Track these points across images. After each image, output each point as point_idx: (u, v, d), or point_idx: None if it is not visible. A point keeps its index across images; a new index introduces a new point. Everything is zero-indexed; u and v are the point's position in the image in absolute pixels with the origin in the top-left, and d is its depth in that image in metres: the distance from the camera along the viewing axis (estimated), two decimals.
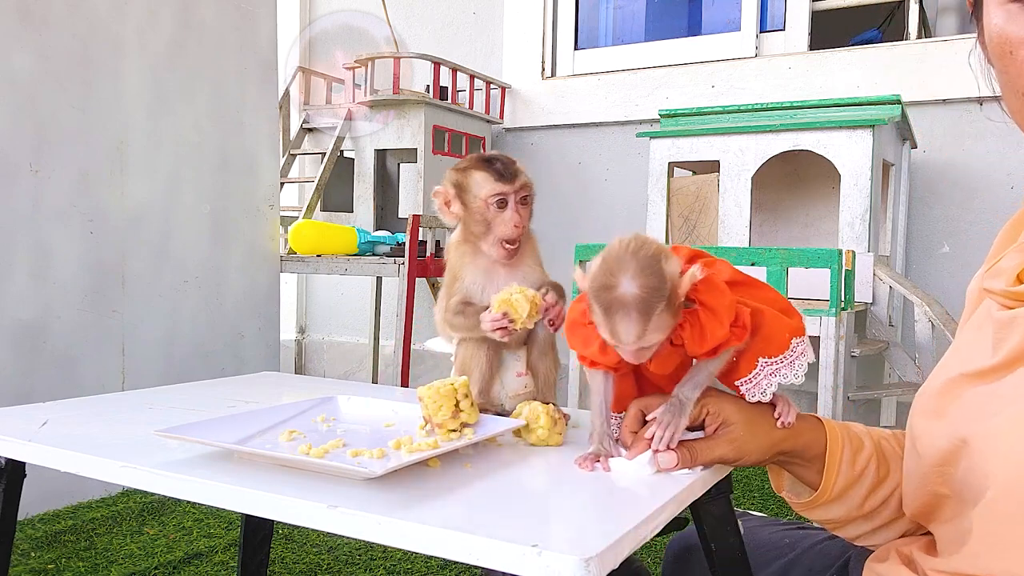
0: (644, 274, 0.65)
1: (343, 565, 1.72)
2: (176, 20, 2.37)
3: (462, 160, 1.00)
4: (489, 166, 0.97)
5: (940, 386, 0.71)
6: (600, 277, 0.67)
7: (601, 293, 0.66)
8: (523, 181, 0.97)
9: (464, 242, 0.98)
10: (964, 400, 0.67)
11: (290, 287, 3.80)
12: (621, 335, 0.66)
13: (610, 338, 0.67)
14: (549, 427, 0.84)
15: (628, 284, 0.65)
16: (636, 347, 0.66)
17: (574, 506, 0.69)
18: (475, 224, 0.97)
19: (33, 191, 2.01)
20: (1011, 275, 0.66)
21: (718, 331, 0.69)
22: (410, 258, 2.55)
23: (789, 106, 2.37)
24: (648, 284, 0.65)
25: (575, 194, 3.27)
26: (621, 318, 0.65)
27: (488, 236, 0.96)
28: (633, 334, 0.65)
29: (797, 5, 2.95)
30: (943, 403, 0.70)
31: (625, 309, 0.65)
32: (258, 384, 1.23)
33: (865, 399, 2.18)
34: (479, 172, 0.96)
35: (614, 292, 0.65)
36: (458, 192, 0.98)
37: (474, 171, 0.97)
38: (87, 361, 2.14)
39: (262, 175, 2.69)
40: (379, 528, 0.60)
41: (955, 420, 0.67)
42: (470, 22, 3.53)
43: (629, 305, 0.65)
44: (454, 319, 0.96)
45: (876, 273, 2.21)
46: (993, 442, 0.62)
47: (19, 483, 0.93)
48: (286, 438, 0.82)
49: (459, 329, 0.97)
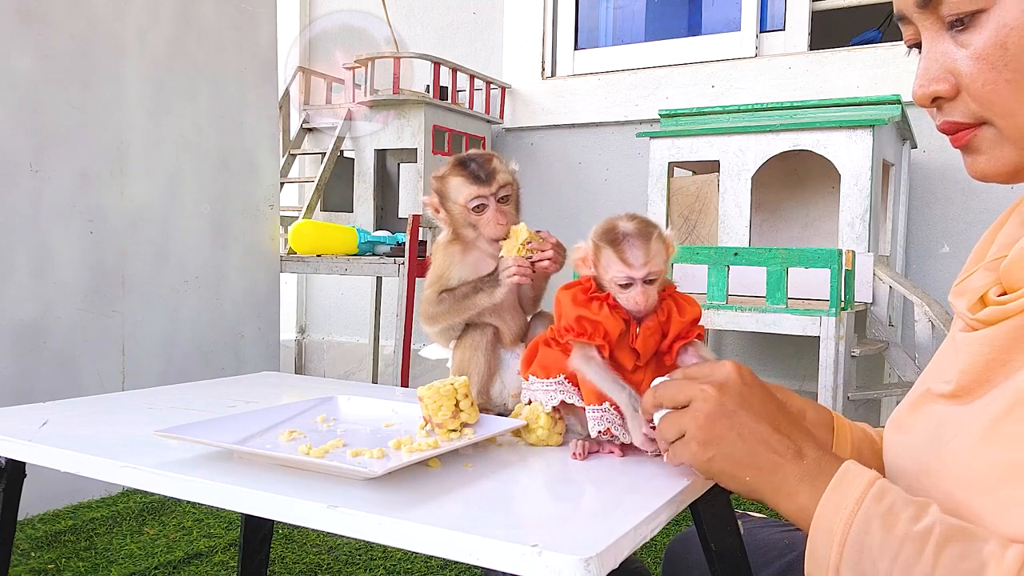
0: (639, 216, 0.82)
1: (343, 565, 1.72)
2: (176, 20, 2.37)
3: (442, 165, 1.01)
4: (465, 169, 0.96)
5: (912, 400, 0.71)
6: (603, 226, 0.81)
7: (607, 234, 0.80)
8: (501, 181, 0.96)
9: (453, 242, 0.98)
10: (928, 418, 0.67)
11: (290, 287, 3.80)
12: (631, 258, 0.78)
13: (621, 267, 0.79)
14: (549, 427, 0.84)
15: (628, 221, 0.81)
16: (645, 271, 0.78)
17: (574, 506, 0.69)
18: (463, 228, 0.97)
19: (33, 191, 2.01)
20: (974, 296, 0.65)
21: (695, 306, 0.82)
22: (410, 258, 2.55)
23: (789, 106, 2.37)
24: (644, 219, 0.82)
25: (575, 194, 3.27)
26: (629, 244, 0.79)
27: (480, 238, 0.97)
28: (641, 255, 0.78)
29: (797, 5, 2.95)
30: (911, 419, 0.70)
31: (630, 238, 0.79)
32: (258, 384, 1.23)
33: (865, 399, 2.18)
34: (455, 177, 0.96)
35: (619, 228, 0.80)
36: (441, 199, 0.98)
37: (451, 177, 0.97)
38: (87, 361, 2.14)
39: (262, 175, 2.69)
40: (379, 528, 0.60)
41: (917, 439, 0.67)
42: (470, 22, 3.53)
43: (633, 234, 0.79)
44: (438, 308, 0.96)
45: (876, 273, 2.21)
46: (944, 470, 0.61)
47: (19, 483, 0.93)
48: (286, 438, 0.82)
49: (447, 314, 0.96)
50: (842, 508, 0.58)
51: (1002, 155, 0.61)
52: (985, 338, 0.61)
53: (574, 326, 0.80)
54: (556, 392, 0.83)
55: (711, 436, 0.64)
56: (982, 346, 0.61)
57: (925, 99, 0.62)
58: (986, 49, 0.58)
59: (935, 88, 0.61)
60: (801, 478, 0.62)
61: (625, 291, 0.80)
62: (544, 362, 0.84)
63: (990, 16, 0.58)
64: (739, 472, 0.64)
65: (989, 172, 0.62)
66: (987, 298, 0.64)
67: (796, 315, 1.92)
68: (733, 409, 0.65)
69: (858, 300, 2.20)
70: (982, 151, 0.62)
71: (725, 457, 0.64)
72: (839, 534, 0.58)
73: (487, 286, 0.94)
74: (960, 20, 0.59)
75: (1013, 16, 0.57)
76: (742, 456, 0.64)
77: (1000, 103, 0.59)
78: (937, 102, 0.62)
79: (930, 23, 0.61)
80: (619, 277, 0.79)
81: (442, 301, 0.96)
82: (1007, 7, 0.57)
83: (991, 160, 0.62)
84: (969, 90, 0.60)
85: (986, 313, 0.62)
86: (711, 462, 0.64)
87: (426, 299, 0.98)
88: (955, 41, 0.60)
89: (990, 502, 0.56)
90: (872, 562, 0.55)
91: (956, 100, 0.61)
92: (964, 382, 0.62)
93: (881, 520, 0.57)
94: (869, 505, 0.58)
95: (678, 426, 0.67)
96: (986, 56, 0.58)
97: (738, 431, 0.64)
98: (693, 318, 0.82)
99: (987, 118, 0.60)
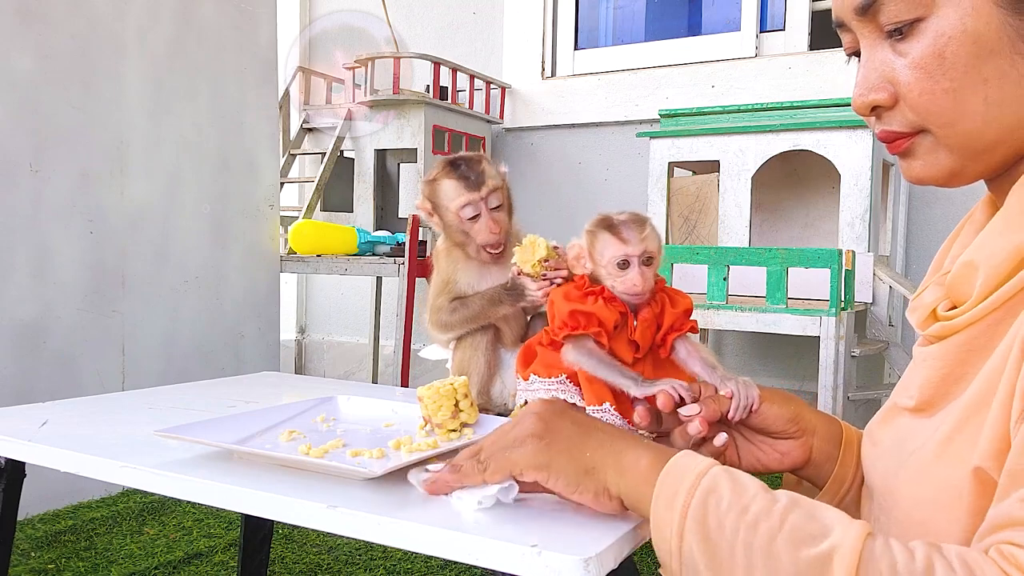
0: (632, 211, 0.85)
1: (343, 565, 1.72)
2: (176, 20, 2.37)
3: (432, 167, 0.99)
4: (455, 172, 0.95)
5: (883, 414, 0.71)
6: (598, 217, 0.84)
7: (602, 221, 0.83)
8: (492, 185, 0.95)
9: (453, 247, 0.97)
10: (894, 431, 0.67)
11: (290, 287, 3.80)
12: (627, 236, 0.81)
13: (618, 246, 0.80)
14: None
15: (623, 214, 0.84)
16: (641, 247, 0.80)
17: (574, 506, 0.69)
18: (454, 234, 0.96)
19: (33, 191, 2.01)
20: (926, 311, 0.64)
21: (686, 298, 0.85)
22: (410, 258, 2.55)
23: (789, 106, 2.37)
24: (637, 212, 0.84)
25: (575, 194, 3.27)
26: (624, 225, 0.81)
27: (470, 244, 0.96)
28: (636, 234, 0.81)
29: (797, 5, 2.95)
30: (880, 432, 0.70)
31: (626, 221, 0.82)
32: (258, 384, 1.23)
33: (865, 399, 2.18)
34: (446, 181, 0.95)
35: (615, 216, 0.83)
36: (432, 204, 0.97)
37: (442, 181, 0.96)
38: (87, 361, 2.14)
39: (262, 175, 2.69)
40: (379, 528, 0.60)
41: (884, 453, 0.67)
42: (470, 22, 3.53)
43: (629, 217, 0.82)
44: (451, 316, 0.95)
45: (876, 273, 2.21)
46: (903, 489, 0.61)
47: (19, 483, 0.93)
48: (286, 438, 0.82)
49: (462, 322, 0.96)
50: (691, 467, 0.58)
51: (937, 161, 0.61)
52: (938, 353, 0.61)
53: (567, 321, 0.80)
54: (558, 392, 0.83)
55: (546, 429, 0.64)
56: (936, 360, 0.61)
57: (864, 108, 0.63)
58: (924, 58, 0.58)
59: (873, 97, 0.61)
60: (644, 448, 0.62)
61: (623, 272, 0.80)
62: (546, 361, 0.84)
63: (928, 25, 0.57)
64: (579, 450, 0.62)
65: (925, 177, 0.62)
66: (937, 313, 0.63)
67: (796, 315, 1.92)
68: (561, 409, 0.66)
69: (858, 300, 2.20)
70: (918, 156, 0.62)
71: (562, 441, 0.63)
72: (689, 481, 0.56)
73: (508, 299, 0.92)
74: (899, 29, 0.59)
75: (951, 25, 0.56)
76: (578, 437, 0.63)
77: (937, 112, 0.59)
78: (876, 111, 0.62)
79: (868, 31, 0.61)
80: (616, 256, 0.80)
81: (456, 310, 0.95)
82: (945, 16, 0.57)
83: (926, 165, 0.62)
84: (907, 99, 0.60)
85: (936, 328, 0.62)
86: (549, 448, 0.63)
87: (437, 307, 0.97)
88: (893, 50, 0.60)
89: (945, 521, 0.55)
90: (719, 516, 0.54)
91: (894, 109, 0.61)
92: (924, 396, 0.62)
93: (731, 478, 0.56)
94: (717, 470, 0.57)
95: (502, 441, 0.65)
96: (924, 65, 0.58)
97: (572, 420, 0.65)
98: (685, 309, 0.84)
99: (924, 126, 0.60)
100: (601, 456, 0.62)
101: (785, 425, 0.77)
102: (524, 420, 0.65)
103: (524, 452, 0.63)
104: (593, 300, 0.81)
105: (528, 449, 0.63)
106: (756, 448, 0.79)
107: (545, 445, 0.63)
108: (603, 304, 0.80)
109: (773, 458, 0.78)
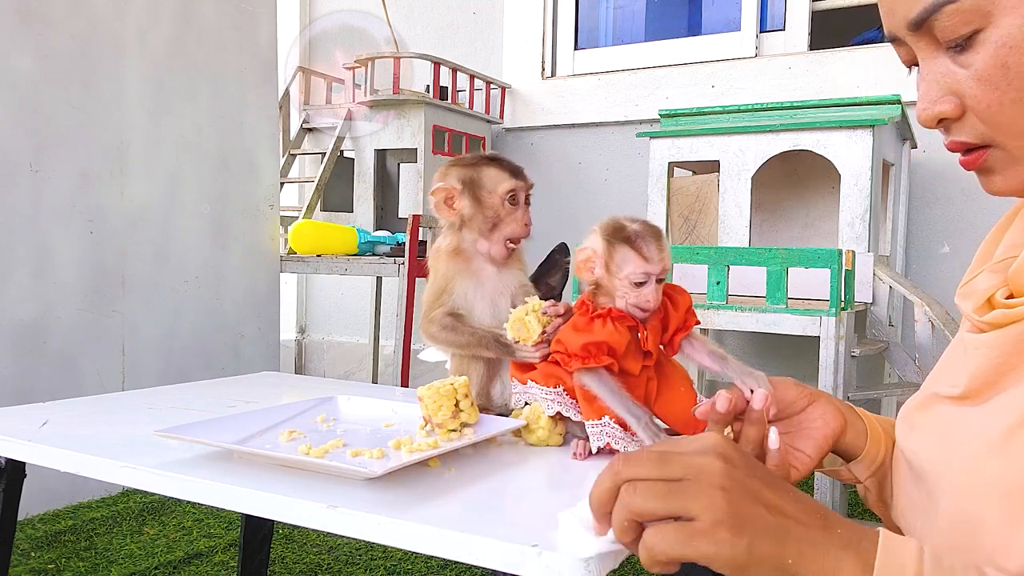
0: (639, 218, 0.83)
1: (343, 565, 1.72)
2: (176, 20, 2.37)
3: (462, 157, 0.99)
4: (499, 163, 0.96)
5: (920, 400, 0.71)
6: (611, 225, 0.82)
7: (619, 232, 0.81)
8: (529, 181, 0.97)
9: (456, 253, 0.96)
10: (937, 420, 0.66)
11: (290, 287, 3.80)
12: (649, 254, 0.79)
13: (639, 264, 0.79)
14: (549, 427, 0.84)
15: (636, 222, 0.82)
16: (660, 266, 0.80)
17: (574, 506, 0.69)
18: (482, 222, 0.95)
19: (33, 191, 2.01)
20: (981, 298, 0.63)
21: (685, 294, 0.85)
22: (410, 258, 2.55)
23: (789, 106, 2.37)
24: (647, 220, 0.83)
25: (575, 194, 3.27)
26: (645, 242, 0.80)
27: (494, 234, 0.95)
28: (656, 251, 0.80)
29: (797, 5, 2.95)
30: (919, 417, 0.69)
31: (644, 236, 0.80)
32: (258, 384, 1.23)
33: (865, 399, 2.18)
34: (492, 168, 0.96)
35: (630, 227, 0.81)
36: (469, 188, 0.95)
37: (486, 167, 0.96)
38: (87, 361, 2.14)
39: (262, 175, 2.69)
40: (379, 528, 0.60)
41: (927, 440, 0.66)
42: (470, 22, 3.53)
43: (645, 230, 0.81)
44: (441, 333, 0.94)
45: (876, 273, 2.21)
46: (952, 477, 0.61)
47: (19, 483, 0.93)
48: (286, 438, 0.82)
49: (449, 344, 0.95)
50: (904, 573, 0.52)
51: (1017, 174, 0.59)
52: (994, 341, 0.60)
53: (579, 353, 0.79)
54: (554, 403, 0.83)
55: (742, 518, 0.50)
56: (991, 349, 0.60)
57: (931, 121, 0.60)
58: (987, 70, 0.56)
59: (940, 109, 0.59)
60: (843, 548, 0.52)
61: (638, 289, 0.79)
62: (545, 371, 0.84)
63: (987, 35, 0.55)
64: (779, 556, 0.51)
65: (1005, 190, 0.61)
66: (994, 300, 0.62)
67: (796, 315, 1.92)
68: (753, 485, 0.52)
69: (858, 300, 2.20)
70: (996, 171, 0.60)
71: (763, 540, 0.50)
72: None
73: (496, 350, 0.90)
74: (957, 43, 0.57)
75: (1010, 34, 0.54)
76: (780, 536, 0.51)
77: (1007, 123, 0.57)
78: (943, 123, 0.60)
79: (924, 44, 0.59)
80: (636, 274, 0.79)
81: (445, 329, 0.94)
82: (1004, 26, 0.54)
83: (1006, 179, 0.60)
84: (975, 111, 0.58)
85: (993, 316, 0.61)
86: (749, 550, 0.50)
87: (429, 317, 0.95)
88: (954, 61, 0.58)
89: (997, 514, 0.55)
90: None
91: (962, 120, 0.59)
92: (974, 385, 0.61)
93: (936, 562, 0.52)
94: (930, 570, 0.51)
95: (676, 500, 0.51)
96: (988, 77, 0.56)
97: (767, 508, 0.52)
98: (687, 307, 0.84)
99: (995, 140, 0.58)
100: (803, 564, 0.51)
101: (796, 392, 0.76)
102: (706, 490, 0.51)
103: (717, 549, 0.50)
104: (602, 324, 0.79)
105: (722, 548, 0.50)
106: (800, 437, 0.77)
107: (745, 547, 0.50)
108: (612, 327, 0.79)
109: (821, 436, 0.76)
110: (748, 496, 0.52)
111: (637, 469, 0.53)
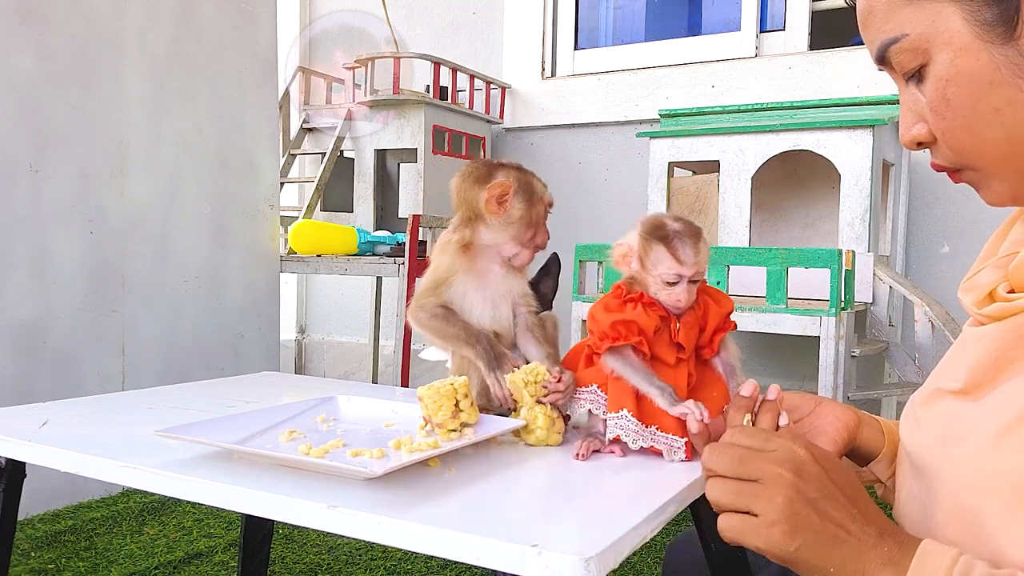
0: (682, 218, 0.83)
1: (343, 565, 1.72)
2: (176, 20, 2.37)
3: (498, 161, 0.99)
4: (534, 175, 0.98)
5: (924, 396, 0.71)
6: (652, 221, 0.82)
7: (658, 230, 0.81)
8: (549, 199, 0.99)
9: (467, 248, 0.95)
10: (939, 415, 0.67)
11: (290, 287, 3.80)
12: (683, 255, 0.79)
13: (672, 264, 0.79)
14: (547, 427, 0.84)
15: (678, 221, 0.82)
16: (694, 269, 0.79)
17: (574, 506, 0.69)
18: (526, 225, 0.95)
19: (33, 191, 2.01)
20: (983, 292, 0.65)
21: (728, 300, 0.85)
22: (410, 258, 2.55)
23: (789, 106, 2.37)
24: (689, 220, 0.82)
25: (575, 194, 3.27)
26: (681, 242, 0.80)
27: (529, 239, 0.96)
28: (691, 253, 0.79)
29: (797, 5, 2.95)
30: (924, 413, 0.70)
31: (682, 236, 0.80)
32: (258, 384, 1.23)
33: (865, 399, 2.18)
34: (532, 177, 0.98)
35: (670, 226, 0.81)
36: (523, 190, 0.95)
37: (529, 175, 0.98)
38: (87, 361, 2.14)
39: (262, 175, 2.69)
40: (379, 528, 0.60)
41: (928, 435, 0.67)
42: (470, 22, 3.53)
43: (684, 232, 0.81)
44: (430, 321, 0.94)
45: (876, 273, 2.21)
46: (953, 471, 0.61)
47: (19, 483, 0.93)
48: (286, 438, 0.82)
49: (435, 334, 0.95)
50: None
51: (995, 189, 0.63)
52: (994, 334, 0.61)
53: (609, 332, 0.80)
54: (587, 401, 0.84)
55: (797, 524, 0.58)
56: (991, 341, 0.61)
57: (910, 144, 0.65)
58: (933, 102, 0.60)
59: (914, 134, 0.63)
60: (883, 563, 0.57)
61: (669, 288, 0.80)
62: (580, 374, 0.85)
63: (930, 70, 0.60)
64: (824, 563, 0.58)
65: (998, 202, 0.64)
66: (995, 294, 0.64)
67: (796, 315, 1.92)
68: (815, 497, 0.59)
69: (858, 300, 2.20)
70: (980, 188, 0.64)
71: (811, 547, 0.58)
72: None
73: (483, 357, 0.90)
74: (911, 75, 0.61)
75: (945, 68, 0.58)
76: (828, 546, 0.58)
77: (966, 149, 0.61)
78: (922, 145, 0.64)
79: (894, 75, 0.64)
80: (668, 274, 0.80)
81: (435, 317, 0.93)
82: (940, 62, 0.59)
83: (991, 194, 0.63)
84: (938, 137, 0.62)
85: (993, 308, 0.62)
86: (797, 552, 0.58)
87: (420, 303, 0.95)
88: (919, 90, 0.62)
89: (997, 509, 0.56)
90: None
91: (936, 144, 0.63)
92: (973, 379, 0.62)
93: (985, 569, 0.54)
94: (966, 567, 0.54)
95: (744, 499, 0.60)
96: (935, 108, 0.60)
97: (821, 518, 0.59)
98: (728, 310, 0.84)
99: (962, 163, 0.62)
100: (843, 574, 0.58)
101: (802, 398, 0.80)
102: (771, 496, 0.59)
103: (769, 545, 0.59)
104: (633, 307, 0.80)
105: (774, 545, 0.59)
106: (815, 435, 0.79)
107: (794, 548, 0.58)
108: (643, 310, 0.80)
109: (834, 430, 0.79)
110: (807, 505, 0.59)
111: (720, 464, 0.62)
